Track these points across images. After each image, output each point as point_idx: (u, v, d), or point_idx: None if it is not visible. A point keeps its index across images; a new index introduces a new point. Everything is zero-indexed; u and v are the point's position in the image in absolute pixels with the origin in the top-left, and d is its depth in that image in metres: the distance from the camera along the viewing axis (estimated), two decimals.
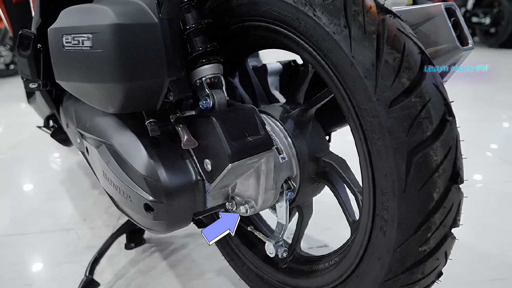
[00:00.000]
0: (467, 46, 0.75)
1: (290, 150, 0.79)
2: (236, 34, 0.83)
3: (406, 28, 0.60)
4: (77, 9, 0.73)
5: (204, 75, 0.73)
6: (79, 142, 0.99)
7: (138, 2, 0.67)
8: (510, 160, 1.97)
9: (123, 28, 0.62)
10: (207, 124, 0.71)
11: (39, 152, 2.35)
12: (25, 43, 0.96)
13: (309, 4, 0.63)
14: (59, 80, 0.80)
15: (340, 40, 0.60)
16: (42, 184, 1.91)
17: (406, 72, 0.56)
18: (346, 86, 0.62)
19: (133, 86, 0.65)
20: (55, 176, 1.99)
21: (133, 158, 0.75)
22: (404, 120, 0.56)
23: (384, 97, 0.57)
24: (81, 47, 0.67)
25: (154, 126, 0.72)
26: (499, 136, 2.43)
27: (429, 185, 0.56)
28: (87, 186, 1.86)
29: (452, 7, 0.76)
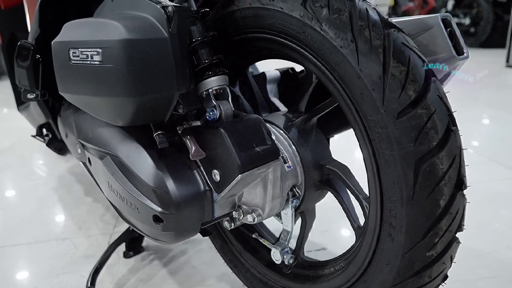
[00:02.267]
0: (463, 55, 0.78)
1: (295, 158, 0.81)
2: (239, 45, 0.84)
3: (409, 42, 0.63)
4: (83, 23, 0.73)
5: (211, 86, 0.74)
6: (79, 152, 0.99)
7: (146, 16, 0.67)
8: (496, 159, 2.04)
9: (134, 43, 0.63)
10: (215, 136, 0.72)
11: (27, 159, 2.31)
12: (24, 54, 0.95)
13: (315, 18, 0.65)
14: (64, 93, 0.80)
15: (347, 54, 0.62)
16: (33, 192, 1.88)
17: (412, 85, 0.59)
18: (353, 97, 0.64)
19: (143, 100, 0.66)
20: (46, 184, 1.96)
21: (140, 169, 0.76)
22: (411, 131, 0.58)
23: (392, 109, 0.59)
24: (90, 61, 0.67)
25: (162, 138, 0.73)
26: (483, 135, 2.51)
27: (436, 192, 0.59)
28: (80, 193, 1.84)
29: (447, 18, 0.79)
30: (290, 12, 0.69)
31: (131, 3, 0.72)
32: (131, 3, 0.72)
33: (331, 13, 0.64)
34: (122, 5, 0.75)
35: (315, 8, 0.66)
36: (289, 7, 0.69)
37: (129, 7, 0.73)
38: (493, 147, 2.27)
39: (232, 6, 0.80)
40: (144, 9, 0.69)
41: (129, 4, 0.73)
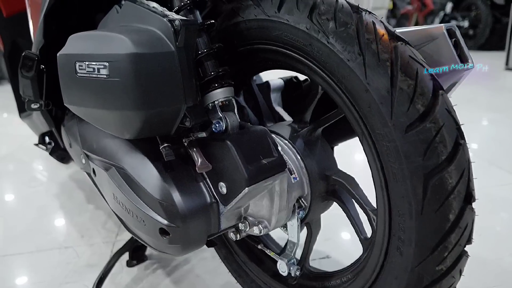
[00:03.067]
0: (468, 65, 0.78)
1: (301, 170, 0.81)
2: (244, 56, 0.84)
3: (416, 55, 0.63)
4: (89, 35, 0.73)
5: (217, 99, 0.74)
6: (84, 163, 0.98)
7: (153, 30, 0.67)
8: (497, 163, 2.04)
9: (141, 58, 0.63)
10: (222, 148, 0.71)
11: (28, 165, 2.31)
12: (29, 65, 0.95)
13: (322, 31, 0.65)
14: (69, 105, 0.80)
15: (355, 67, 0.62)
16: (34, 199, 1.87)
17: (420, 99, 0.59)
18: (360, 111, 0.64)
19: (150, 114, 0.66)
20: (48, 191, 1.95)
21: (146, 182, 0.76)
22: (420, 145, 0.58)
23: (400, 123, 0.59)
24: (97, 74, 0.67)
25: (168, 151, 0.73)
26: (483, 139, 2.51)
27: (445, 207, 0.59)
28: (81, 200, 1.83)
29: (452, 28, 0.79)
30: (297, 24, 0.69)
31: (137, 15, 0.72)
32: (137, 15, 0.72)
33: (337, 26, 0.64)
34: (128, 17, 0.75)
35: (322, 21, 0.66)
36: (295, 19, 0.69)
37: (135, 19, 0.73)
38: (493, 151, 2.27)
39: (237, 17, 0.80)
40: (151, 22, 0.68)
41: (135, 17, 0.73)
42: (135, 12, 0.73)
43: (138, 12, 0.72)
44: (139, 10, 0.72)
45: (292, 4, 0.70)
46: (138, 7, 0.73)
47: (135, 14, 0.73)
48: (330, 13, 0.65)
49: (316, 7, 0.67)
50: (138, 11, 0.73)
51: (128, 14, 0.75)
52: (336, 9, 0.65)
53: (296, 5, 0.69)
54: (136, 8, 0.73)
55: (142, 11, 0.72)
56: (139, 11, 0.72)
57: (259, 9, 0.75)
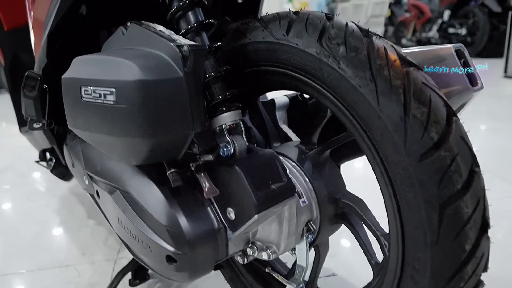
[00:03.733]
0: (477, 86, 0.78)
1: (310, 193, 0.79)
2: (250, 76, 0.83)
3: (429, 80, 0.62)
4: (95, 60, 0.71)
5: (225, 122, 0.73)
6: (87, 184, 0.97)
7: (161, 55, 0.66)
8: (500, 175, 2.03)
9: (149, 84, 0.61)
10: (230, 173, 0.70)
11: (28, 178, 2.29)
12: (31, 85, 0.93)
13: (332, 56, 0.64)
14: (74, 128, 0.78)
15: (367, 93, 0.61)
16: (34, 214, 1.85)
17: (434, 126, 0.58)
18: (372, 137, 0.62)
19: (158, 141, 0.65)
20: (48, 205, 1.93)
21: (153, 207, 0.74)
22: (435, 174, 0.57)
23: (414, 151, 0.58)
24: (103, 100, 0.66)
25: (176, 177, 0.71)
26: (485, 149, 2.50)
27: (462, 236, 0.57)
28: (82, 215, 1.81)
29: (460, 49, 0.78)
30: (306, 48, 0.68)
31: (143, 38, 0.71)
32: (144, 39, 0.71)
33: (348, 51, 0.63)
34: (134, 40, 0.74)
35: (332, 45, 0.65)
36: (305, 43, 0.68)
37: (141, 42, 0.72)
38: (496, 162, 2.26)
39: (244, 39, 0.79)
40: (158, 46, 0.67)
41: (142, 40, 0.72)
42: (142, 35, 0.72)
43: (145, 35, 0.71)
44: (146, 33, 0.71)
45: (301, 28, 0.69)
46: (144, 30, 0.72)
47: (141, 37, 0.72)
48: (340, 38, 0.64)
49: (325, 31, 0.66)
50: (144, 34, 0.71)
51: (134, 36, 0.74)
52: (346, 34, 0.64)
53: (305, 29, 0.69)
54: (143, 31, 0.72)
55: (148, 34, 0.70)
56: (146, 34, 0.71)
57: (266, 32, 0.75)
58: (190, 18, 0.75)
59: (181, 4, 0.74)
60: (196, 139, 0.69)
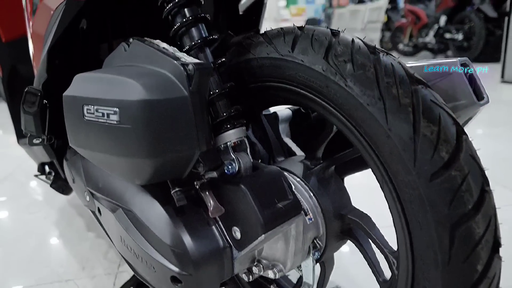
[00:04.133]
0: (483, 100, 0.77)
1: (316, 210, 0.78)
2: (254, 92, 0.82)
3: (437, 98, 0.61)
4: (97, 78, 0.70)
5: (229, 140, 0.72)
6: (88, 200, 0.95)
7: (164, 73, 0.65)
8: (501, 182, 2.02)
9: (154, 104, 0.60)
10: (236, 192, 0.69)
11: (26, 189, 2.27)
12: (31, 101, 0.92)
13: (339, 73, 0.63)
14: (75, 146, 0.77)
15: (375, 112, 0.60)
16: (33, 226, 1.83)
17: (444, 145, 0.57)
18: (381, 156, 0.62)
19: (162, 161, 0.63)
20: (47, 217, 1.91)
21: (156, 226, 0.73)
22: (446, 194, 0.56)
23: (424, 171, 0.57)
24: (106, 120, 0.65)
25: (180, 196, 0.70)
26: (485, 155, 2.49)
27: (473, 257, 0.56)
28: (82, 228, 1.79)
29: (466, 63, 0.78)
30: (312, 65, 0.67)
31: (146, 56, 0.70)
32: (147, 56, 0.70)
33: (355, 68, 0.62)
34: (137, 57, 0.73)
35: (339, 62, 0.64)
36: (311, 60, 0.67)
37: (144, 60, 0.71)
38: (496, 169, 2.25)
39: (248, 55, 0.78)
40: (162, 64, 0.66)
41: (145, 57, 0.71)
42: (144, 52, 0.71)
43: (148, 52, 0.70)
44: (149, 50, 0.70)
45: (306, 44, 0.69)
46: (147, 47, 0.71)
47: (144, 54, 0.71)
48: (347, 55, 0.64)
49: (331, 47, 0.66)
50: (147, 51, 0.71)
51: (137, 53, 0.73)
52: (353, 51, 0.64)
53: (310, 45, 0.68)
54: (145, 48, 0.71)
55: (152, 51, 0.70)
56: (149, 51, 0.70)
57: (271, 47, 0.74)
58: (193, 34, 0.74)
59: (184, 20, 0.73)
60: (201, 158, 0.67)
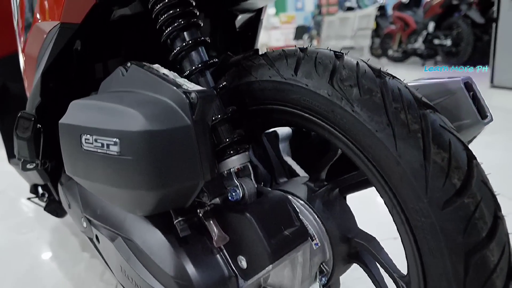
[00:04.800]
0: (487, 119, 0.76)
1: (322, 234, 0.77)
2: (256, 114, 0.81)
3: (446, 123, 0.60)
4: (95, 106, 0.68)
5: (233, 166, 0.70)
6: (85, 227, 0.92)
7: (165, 100, 0.63)
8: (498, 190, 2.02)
9: (156, 135, 0.58)
10: (241, 220, 0.67)
11: (18, 208, 2.21)
12: (25, 126, 0.89)
13: (345, 98, 0.62)
14: (73, 175, 0.75)
15: (384, 138, 0.59)
16: (26, 248, 1.78)
17: (456, 172, 0.56)
18: (390, 182, 0.60)
19: (165, 193, 0.61)
20: (39, 237, 1.86)
21: (159, 256, 0.70)
22: (459, 222, 0.55)
23: (436, 199, 0.56)
24: (106, 150, 0.62)
25: (184, 226, 0.68)
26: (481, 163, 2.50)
27: (488, 286, 0.55)
28: (76, 248, 1.75)
29: (469, 81, 0.77)
30: (317, 89, 0.66)
31: (146, 82, 0.68)
32: (146, 82, 0.68)
33: (362, 93, 0.61)
34: (135, 83, 0.71)
35: (344, 87, 0.63)
36: (315, 84, 0.66)
37: (144, 86, 0.69)
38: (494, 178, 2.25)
39: (250, 77, 0.76)
40: (162, 91, 0.64)
41: (144, 83, 0.69)
42: (144, 78, 0.69)
43: (147, 78, 0.68)
44: (148, 76, 0.68)
45: (310, 67, 0.67)
46: (146, 73, 0.69)
47: (143, 80, 0.69)
48: (352, 79, 0.62)
49: (336, 71, 0.64)
50: (146, 77, 0.69)
51: (135, 79, 0.71)
52: (358, 75, 0.62)
53: (314, 69, 0.67)
54: (145, 73, 0.69)
55: (151, 77, 0.68)
56: (148, 78, 0.68)
57: (273, 70, 0.72)
58: (193, 58, 0.73)
59: (184, 44, 0.72)
60: (205, 187, 0.65)
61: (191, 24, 0.73)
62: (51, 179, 1.16)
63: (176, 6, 0.72)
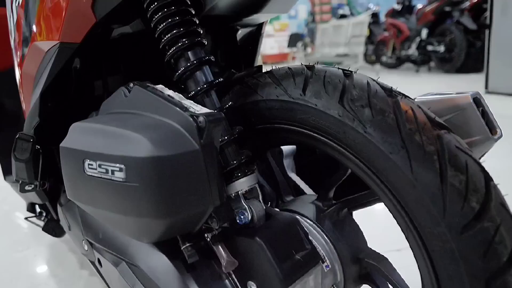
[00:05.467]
0: (497, 135, 0.75)
1: (332, 256, 0.75)
2: (262, 133, 0.79)
3: (462, 144, 0.58)
4: (99, 130, 0.66)
5: (241, 188, 0.68)
6: (86, 250, 0.90)
7: (171, 124, 0.61)
8: None
9: (164, 161, 0.56)
10: (251, 245, 0.65)
11: (14, 224, 2.17)
12: (23, 148, 0.87)
13: (357, 119, 0.61)
14: (75, 200, 0.72)
15: (398, 160, 0.57)
16: (23, 266, 1.74)
17: (474, 195, 0.54)
18: (406, 205, 0.58)
19: (174, 220, 0.59)
20: (36, 255, 1.82)
21: (166, 283, 0.68)
22: (479, 247, 0.53)
23: (455, 223, 0.54)
24: (111, 176, 0.60)
25: (191, 252, 0.65)
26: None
27: None
28: (74, 265, 1.71)
29: (477, 97, 0.76)
30: (327, 110, 0.64)
31: (150, 104, 0.66)
32: (151, 104, 0.66)
33: (374, 114, 0.60)
34: (139, 104, 0.69)
35: (356, 107, 0.61)
36: (325, 104, 0.64)
37: (148, 108, 0.67)
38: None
39: (256, 96, 0.75)
40: (168, 114, 0.62)
41: (148, 105, 0.67)
42: (148, 100, 0.67)
43: (152, 100, 0.66)
44: (153, 98, 0.66)
45: (319, 87, 0.66)
46: (150, 95, 0.67)
47: (147, 102, 0.67)
48: (363, 99, 0.61)
49: (346, 91, 0.63)
50: (151, 99, 0.67)
51: (139, 100, 0.69)
52: (369, 94, 0.61)
53: (323, 88, 0.65)
54: (149, 95, 0.67)
55: (156, 99, 0.66)
56: (153, 100, 0.66)
57: (280, 89, 0.71)
58: (198, 78, 0.71)
59: (189, 65, 0.70)
60: (214, 212, 0.63)
61: (196, 44, 0.71)
62: (49, 199, 1.13)
63: (180, 26, 0.70)
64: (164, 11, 0.70)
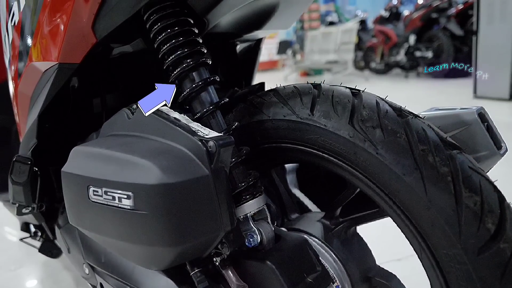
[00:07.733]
0: (502, 149, 0.75)
1: (342, 275, 0.74)
2: (268, 152, 0.78)
3: (474, 164, 0.58)
4: (102, 155, 0.63)
5: (249, 211, 0.67)
6: (87, 273, 0.87)
7: (180, 148, 0.59)
8: None
9: (173, 188, 0.55)
10: (261, 269, 0.64)
11: (6, 242, 2.11)
12: (21, 170, 0.84)
13: (368, 140, 0.60)
14: (78, 226, 0.70)
15: (412, 182, 0.56)
16: (15, 285, 1.69)
17: (490, 216, 0.54)
18: (420, 228, 0.58)
19: (183, 248, 0.57)
20: (30, 274, 1.78)
21: None
22: (496, 269, 0.53)
23: (471, 245, 0.53)
24: (118, 204, 0.58)
25: (201, 277, 0.64)
26: None
27: None
28: (69, 284, 1.67)
29: (482, 112, 0.76)
30: (336, 130, 0.63)
31: (156, 127, 0.65)
32: (156, 127, 0.64)
33: (385, 135, 0.59)
34: (143, 127, 0.67)
35: (366, 128, 0.61)
36: (334, 125, 0.64)
37: (153, 131, 0.65)
38: None
39: (262, 115, 0.74)
40: (176, 139, 0.61)
41: (153, 128, 0.65)
42: (153, 123, 0.65)
43: (157, 123, 0.65)
44: (158, 121, 0.65)
45: (328, 107, 0.65)
46: (155, 117, 0.65)
47: (152, 124, 0.65)
48: (374, 120, 0.60)
49: (356, 111, 0.62)
50: (156, 122, 0.65)
51: (143, 123, 0.67)
52: (380, 115, 0.60)
53: (332, 108, 0.64)
54: (154, 118, 0.65)
55: (162, 123, 0.64)
56: (158, 123, 0.64)
57: (287, 109, 0.70)
58: (203, 99, 0.70)
59: (194, 86, 0.69)
60: (225, 238, 0.62)
61: (200, 64, 0.70)
62: (46, 219, 1.10)
63: (184, 46, 0.69)
64: (167, 32, 0.69)
